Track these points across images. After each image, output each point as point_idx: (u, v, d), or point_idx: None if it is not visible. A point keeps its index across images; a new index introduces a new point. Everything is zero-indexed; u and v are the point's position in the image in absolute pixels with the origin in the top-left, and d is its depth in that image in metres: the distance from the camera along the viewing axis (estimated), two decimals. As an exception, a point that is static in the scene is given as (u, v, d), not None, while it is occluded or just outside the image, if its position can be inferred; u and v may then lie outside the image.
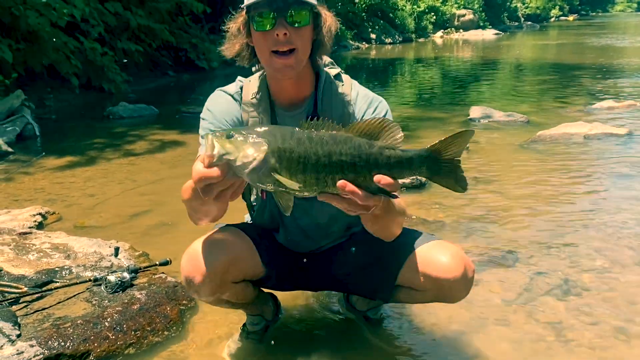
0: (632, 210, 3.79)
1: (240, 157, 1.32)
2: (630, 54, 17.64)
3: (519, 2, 45.88)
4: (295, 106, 1.90)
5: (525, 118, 6.95)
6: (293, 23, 1.68)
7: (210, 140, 1.33)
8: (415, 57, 19.51)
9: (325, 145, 1.37)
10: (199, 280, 1.84)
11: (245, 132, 1.35)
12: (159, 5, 11.11)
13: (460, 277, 1.87)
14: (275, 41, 1.69)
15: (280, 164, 1.34)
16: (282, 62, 1.71)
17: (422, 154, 1.43)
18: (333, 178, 1.37)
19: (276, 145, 1.34)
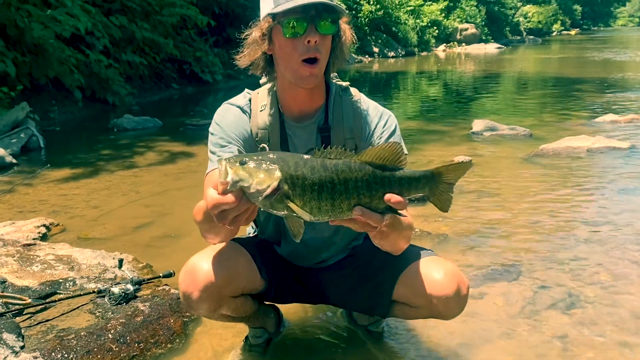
0: (635, 224, 3.79)
1: (254, 184, 1.34)
2: (632, 68, 17.69)
3: (521, 17, 46.19)
4: (306, 117, 1.90)
5: (528, 131, 6.96)
6: (322, 31, 1.70)
7: (224, 166, 1.35)
8: (418, 70, 19.59)
9: (341, 174, 1.41)
10: (197, 296, 1.83)
11: (258, 158, 1.37)
12: (164, 18, 11.20)
13: (453, 295, 1.87)
14: (305, 48, 1.69)
15: (294, 190, 1.37)
16: (310, 71, 1.72)
17: (428, 175, 1.53)
18: (349, 203, 1.42)
19: (289, 172, 1.37)
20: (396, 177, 1.46)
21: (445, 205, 1.59)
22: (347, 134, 1.89)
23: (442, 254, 3.28)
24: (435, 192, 1.55)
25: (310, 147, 1.89)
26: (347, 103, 1.91)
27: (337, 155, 1.43)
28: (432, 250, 2.07)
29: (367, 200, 1.43)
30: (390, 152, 1.46)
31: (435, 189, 1.55)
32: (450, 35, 31.83)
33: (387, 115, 1.95)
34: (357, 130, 1.90)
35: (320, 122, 1.90)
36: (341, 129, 1.89)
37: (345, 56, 1.85)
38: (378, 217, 1.43)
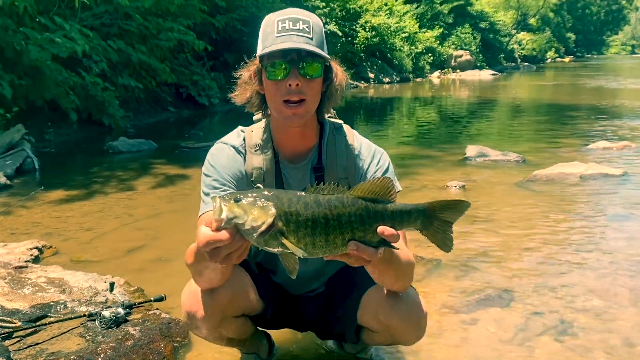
0: (627, 251, 3.80)
1: (248, 221, 1.34)
2: (624, 95, 17.91)
3: (515, 44, 46.78)
4: (300, 157, 1.93)
5: (522, 157, 7.02)
6: (305, 74, 1.72)
7: (218, 203, 1.35)
8: (413, 96, 19.77)
9: (334, 209, 1.43)
10: (201, 314, 1.85)
11: (252, 195, 1.39)
12: (161, 42, 11.30)
13: (408, 320, 1.88)
14: (287, 90, 1.73)
15: (288, 227, 1.38)
16: (292, 112, 1.75)
17: (420, 208, 1.53)
18: (343, 238, 1.43)
19: (283, 209, 1.38)
20: (388, 211, 1.48)
21: (443, 244, 1.58)
22: (341, 173, 1.92)
23: (435, 279, 3.30)
24: (429, 229, 1.55)
25: (304, 186, 1.91)
26: (341, 142, 1.94)
27: (330, 191, 1.45)
28: None
29: (361, 235, 1.45)
30: (381, 187, 1.48)
31: (428, 224, 1.55)
32: (445, 61, 32.16)
33: (380, 153, 1.97)
34: (350, 169, 1.92)
35: (314, 162, 1.92)
36: (334, 169, 1.92)
37: (338, 98, 1.88)
38: (372, 250, 1.45)
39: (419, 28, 29.91)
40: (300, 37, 1.71)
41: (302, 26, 1.72)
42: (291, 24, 1.72)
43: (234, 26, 14.54)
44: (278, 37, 1.71)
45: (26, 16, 7.88)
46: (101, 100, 9.41)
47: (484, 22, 38.40)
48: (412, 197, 4.98)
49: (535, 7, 49.83)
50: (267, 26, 1.76)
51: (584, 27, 71.65)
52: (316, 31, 1.75)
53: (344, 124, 2.00)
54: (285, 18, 1.73)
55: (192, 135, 9.51)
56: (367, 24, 24.01)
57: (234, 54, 15.00)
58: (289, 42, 1.69)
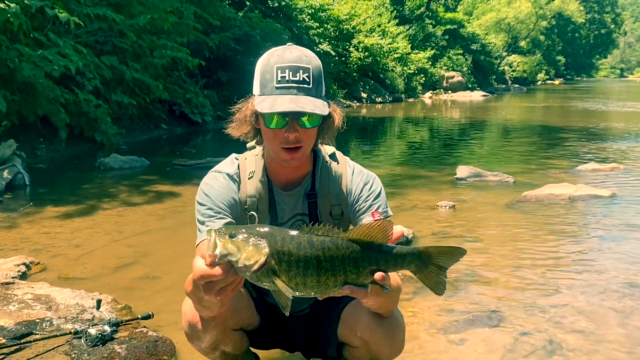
0: (616, 272, 3.82)
1: (242, 259, 1.36)
2: (613, 118, 18.13)
3: (506, 66, 47.40)
4: (293, 185, 1.95)
5: (512, 178, 7.06)
6: (303, 126, 1.76)
7: (213, 239, 1.37)
8: (405, 116, 19.90)
9: (327, 251, 1.43)
10: (202, 326, 1.86)
11: (247, 232, 1.40)
12: (155, 60, 11.35)
13: (382, 335, 1.88)
14: (285, 139, 1.76)
15: (280, 266, 1.40)
16: (290, 157, 1.79)
17: (414, 252, 1.54)
18: (335, 280, 1.45)
19: (276, 247, 1.39)
20: (383, 254, 1.49)
21: (436, 288, 1.59)
22: (334, 200, 1.95)
23: (424, 298, 3.30)
24: (423, 272, 1.56)
25: (297, 212, 1.96)
26: (333, 170, 1.97)
27: (325, 232, 1.46)
28: None
29: (354, 277, 1.46)
30: (380, 230, 1.48)
31: (422, 267, 1.55)
32: (437, 82, 32.47)
33: (372, 178, 1.99)
34: (342, 196, 1.95)
35: (307, 189, 1.95)
36: (327, 196, 1.94)
37: (334, 134, 1.91)
38: (364, 291, 1.48)
39: (412, 49, 30.23)
40: (300, 89, 1.72)
41: (302, 76, 1.73)
42: (291, 74, 1.72)
43: (228, 45, 14.65)
44: (278, 89, 1.72)
45: (20, 33, 7.91)
46: (94, 117, 9.41)
47: (475, 44, 38.93)
48: (403, 216, 4.99)
49: (525, 30, 50.57)
50: (266, 72, 1.76)
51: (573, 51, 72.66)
52: (315, 78, 1.76)
53: (336, 151, 2.03)
54: (285, 67, 1.73)
55: (185, 152, 9.51)
56: (360, 44, 24.26)
57: (228, 72, 15.10)
58: (288, 97, 1.70)
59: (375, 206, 1.93)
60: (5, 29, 7.56)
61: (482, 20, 46.83)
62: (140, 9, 10.24)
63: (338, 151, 2.03)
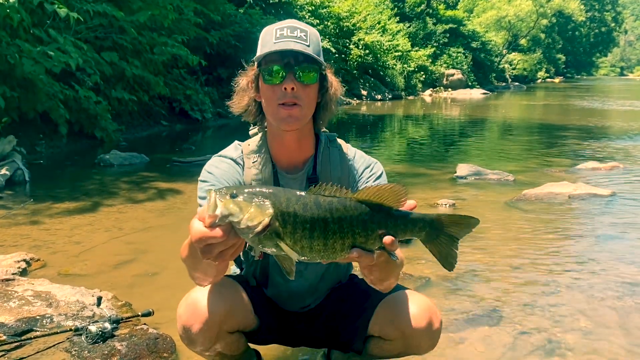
0: (615, 271, 3.83)
1: (244, 220, 1.28)
2: (613, 116, 18.13)
3: (506, 64, 47.35)
4: (296, 168, 1.96)
5: (512, 176, 7.07)
6: (301, 79, 1.77)
7: (214, 198, 1.28)
8: (405, 114, 19.89)
9: (335, 212, 1.36)
10: (197, 328, 1.84)
11: (249, 192, 1.32)
12: (155, 57, 11.33)
13: (425, 327, 1.89)
14: (282, 94, 1.77)
15: (285, 228, 1.31)
16: (287, 112, 1.78)
17: (426, 219, 1.47)
18: (342, 243, 1.37)
19: (281, 208, 1.31)
20: (393, 217, 1.42)
21: (446, 261, 1.52)
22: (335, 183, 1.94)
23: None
24: (434, 242, 1.49)
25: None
26: (335, 153, 1.98)
27: (333, 192, 1.38)
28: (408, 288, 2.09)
29: (362, 241, 1.39)
30: (391, 193, 1.41)
31: (433, 236, 1.49)
32: (437, 80, 32.43)
33: (374, 162, 2.02)
34: (344, 179, 1.96)
35: (309, 173, 1.96)
36: (329, 179, 1.94)
37: (333, 108, 1.92)
38: (371, 257, 1.43)
39: (412, 46, 30.19)
40: (297, 43, 1.76)
41: (299, 34, 1.78)
42: (289, 32, 1.78)
43: (228, 41, 14.63)
44: (276, 43, 1.76)
45: (20, 28, 7.89)
46: (94, 113, 9.40)
47: (475, 42, 38.86)
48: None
49: (526, 28, 50.52)
50: (266, 34, 1.82)
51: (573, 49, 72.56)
52: (313, 40, 1.80)
53: (337, 137, 2.04)
54: (284, 26, 1.80)
55: (185, 149, 9.50)
56: (361, 41, 24.21)
57: (228, 69, 15.07)
58: (285, 46, 1.74)
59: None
60: (5, 25, 7.55)
61: (482, 18, 46.76)
62: (140, 5, 10.22)
63: (339, 138, 2.04)
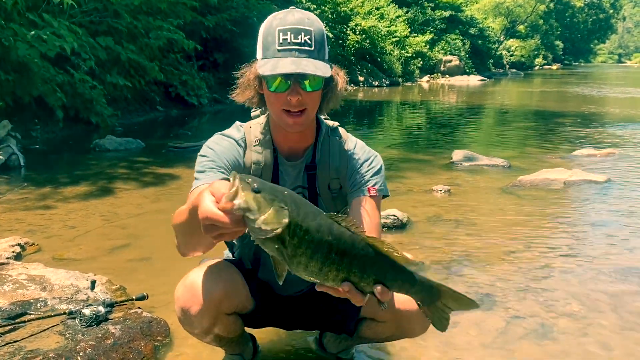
0: (609, 257, 3.85)
1: (259, 221, 1.23)
2: (609, 103, 18.12)
3: (504, 50, 47.15)
4: (296, 155, 1.97)
5: (507, 163, 7.07)
6: (306, 89, 1.75)
7: (237, 186, 1.23)
8: (402, 100, 19.84)
9: (342, 244, 1.34)
10: (196, 310, 1.84)
11: (272, 192, 1.27)
12: (151, 41, 11.25)
13: (417, 310, 1.89)
14: (287, 102, 1.75)
15: (291, 240, 1.28)
16: (293, 121, 1.78)
17: (425, 284, 1.48)
18: (336, 275, 1.35)
19: (297, 221, 1.27)
20: (394, 270, 1.41)
21: (439, 324, 1.55)
22: (333, 173, 1.96)
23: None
24: (429, 306, 1.52)
25: (297, 184, 1.96)
26: (335, 143, 1.98)
27: (348, 224, 1.36)
28: None
29: (356, 280, 1.38)
30: (403, 259, 1.41)
31: (428, 303, 1.52)
32: (434, 66, 32.32)
33: (374, 155, 2.01)
34: (342, 170, 1.96)
35: (308, 161, 1.96)
36: (327, 169, 1.96)
37: (338, 100, 1.92)
38: (361, 298, 1.41)
39: (410, 32, 30.02)
40: (302, 52, 1.72)
41: (303, 38, 1.73)
42: (293, 37, 1.73)
43: (224, 26, 14.51)
44: (280, 52, 1.72)
45: (14, 12, 7.81)
46: (89, 98, 9.35)
47: (473, 28, 38.66)
48: (398, 200, 5.00)
49: (524, 14, 50.29)
50: (269, 34, 1.76)
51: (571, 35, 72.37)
52: (317, 40, 1.76)
53: (340, 127, 2.03)
54: (287, 29, 1.73)
55: (181, 135, 9.47)
56: (358, 27, 24.05)
57: (224, 54, 14.99)
58: (290, 59, 1.70)
59: (372, 182, 1.95)
60: (-1, 8, 7.49)
61: (480, 4, 46.46)
62: (135, -13, 10.12)
63: (341, 127, 2.04)
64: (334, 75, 1.85)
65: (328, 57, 1.83)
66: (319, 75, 1.72)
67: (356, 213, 1.91)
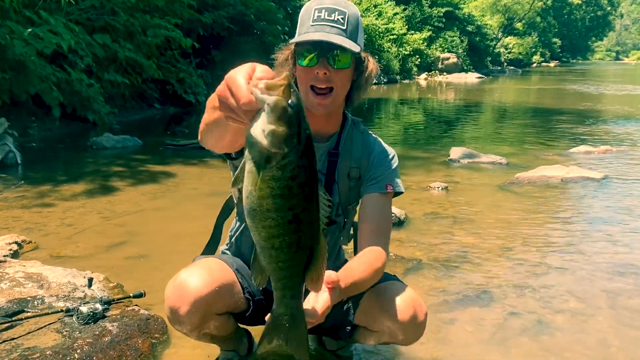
0: (605, 253, 3.86)
1: (267, 127, 1.10)
2: (607, 101, 18.14)
3: (502, 48, 47.13)
4: (320, 140, 1.98)
5: (505, 160, 7.08)
6: (334, 64, 1.79)
7: (282, 83, 1.10)
8: (400, 97, 19.84)
9: (307, 216, 1.23)
10: (184, 310, 1.82)
11: (302, 122, 1.15)
12: (148, 39, 11.22)
13: (409, 321, 1.88)
14: (315, 77, 1.79)
15: (275, 170, 1.14)
16: (318, 101, 1.82)
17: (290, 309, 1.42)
18: (280, 241, 1.23)
19: (293, 161, 1.15)
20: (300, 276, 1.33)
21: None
22: (354, 162, 2.00)
23: (415, 278, 3.32)
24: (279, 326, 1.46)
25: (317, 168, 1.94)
26: (358, 135, 2.04)
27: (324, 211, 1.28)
28: (396, 276, 2.09)
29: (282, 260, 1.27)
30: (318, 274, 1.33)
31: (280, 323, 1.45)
32: (432, 64, 32.29)
33: (393, 154, 2.07)
34: (363, 161, 2.00)
35: (331, 148, 1.99)
36: (348, 157, 1.99)
37: (367, 88, 1.96)
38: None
39: (407, 30, 29.99)
40: (333, 28, 1.77)
41: (337, 17, 1.79)
42: (327, 14, 1.79)
43: (222, 23, 14.48)
44: (312, 26, 1.79)
45: (11, 10, 7.79)
46: (86, 96, 9.32)
47: (471, 25, 38.64)
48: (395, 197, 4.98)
49: (521, 11, 50.26)
50: (305, 13, 1.84)
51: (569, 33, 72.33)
52: (351, 22, 1.82)
53: (361, 123, 2.09)
54: (322, 7, 1.80)
55: (178, 132, 9.46)
56: (356, 24, 24.01)
57: (222, 51, 14.95)
58: (320, 33, 1.77)
59: (390, 179, 2.00)
60: (-4, 6, 7.46)
61: (478, 1, 46.45)
62: (132, -14, 10.10)
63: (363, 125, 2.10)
64: (363, 58, 1.89)
65: (363, 45, 1.87)
66: (346, 47, 1.76)
67: (371, 208, 1.96)
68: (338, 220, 2.07)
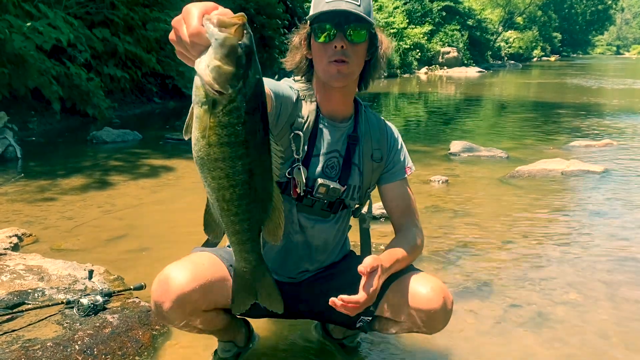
0: (606, 246, 3.86)
1: (212, 62, 1.08)
2: (607, 95, 18.11)
3: (502, 42, 47.03)
4: (337, 120, 2.01)
5: (505, 153, 7.07)
6: (351, 38, 1.82)
7: (236, 23, 1.06)
8: (400, 92, 19.81)
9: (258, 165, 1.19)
10: (168, 306, 1.78)
11: (252, 65, 1.10)
12: (148, 33, 11.20)
13: (439, 309, 1.87)
14: (333, 52, 1.82)
15: (222, 115, 1.11)
16: (337, 68, 1.83)
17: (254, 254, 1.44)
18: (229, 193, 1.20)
19: (240, 106, 1.10)
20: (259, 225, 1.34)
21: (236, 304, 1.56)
22: (375, 144, 2.05)
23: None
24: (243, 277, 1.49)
25: (335, 149, 1.98)
26: (372, 118, 2.08)
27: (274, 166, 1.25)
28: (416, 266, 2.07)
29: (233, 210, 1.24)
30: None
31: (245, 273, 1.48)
32: (433, 58, 32.26)
33: (397, 133, 2.16)
34: (383, 142, 2.06)
35: (349, 131, 2.01)
36: (369, 139, 2.03)
37: (382, 66, 1.99)
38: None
39: (408, 24, 29.93)
40: (348, 3, 1.81)
41: None
42: None
43: (221, 18, 14.44)
44: (328, 3, 1.81)
45: (9, 3, 7.76)
46: (86, 90, 9.31)
47: (471, 19, 38.56)
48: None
49: (522, 5, 50.14)
50: None
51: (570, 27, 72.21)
52: (365, 1, 1.85)
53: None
54: None
55: (178, 126, 9.44)
56: (356, 18, 23.95)
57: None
58: (336, 6, 1.80)
59: (407, 162, 2.12)
60: (-6, -1, 7.44)
61: (478, -5, 46.33)
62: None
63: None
64: (378, 35, 1.92)
65: (374, 24, 1.90)
66: (364, 16, 1.80)
67: (398, 192, 2.09)
68: (351, 204, 2.07)
